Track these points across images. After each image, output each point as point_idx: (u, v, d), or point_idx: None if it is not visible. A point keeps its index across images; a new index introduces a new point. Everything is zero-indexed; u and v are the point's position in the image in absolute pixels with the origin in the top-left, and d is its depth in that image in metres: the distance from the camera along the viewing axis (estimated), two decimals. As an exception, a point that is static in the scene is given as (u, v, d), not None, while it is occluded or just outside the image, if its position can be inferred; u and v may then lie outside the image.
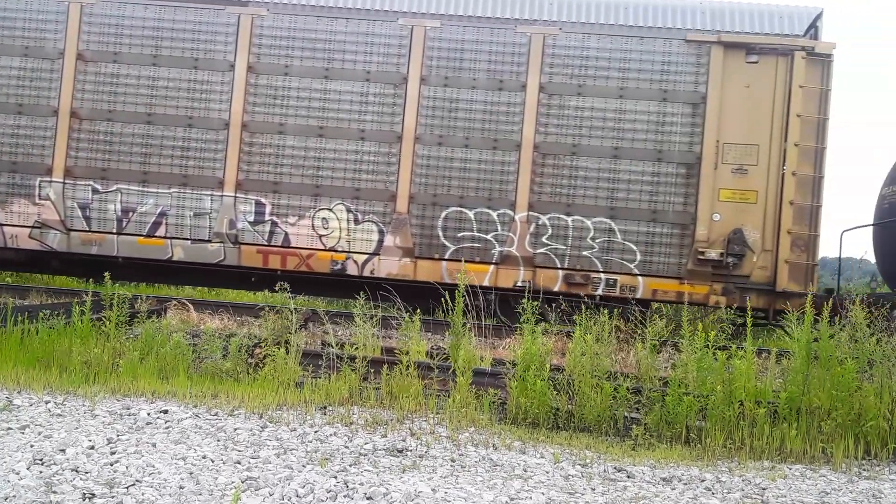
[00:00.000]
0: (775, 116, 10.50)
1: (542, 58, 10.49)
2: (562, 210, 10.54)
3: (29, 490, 3.52)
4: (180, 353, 6.47)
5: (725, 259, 10.32)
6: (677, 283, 10.47)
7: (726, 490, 4.45)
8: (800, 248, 10.43)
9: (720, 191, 10.47)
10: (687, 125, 10.47)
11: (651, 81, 10.46)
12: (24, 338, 6.57)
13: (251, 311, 10.37)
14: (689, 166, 10.48)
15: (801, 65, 10.39)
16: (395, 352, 6.90)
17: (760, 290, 10.43)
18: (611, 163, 10.50)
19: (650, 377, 6.30)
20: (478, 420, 5.58)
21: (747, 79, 10.47)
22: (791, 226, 10.41)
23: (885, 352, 5.93)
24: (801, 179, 10.43)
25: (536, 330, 6.20)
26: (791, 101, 10.39)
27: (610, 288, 10.48)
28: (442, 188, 10.58)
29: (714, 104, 10.40)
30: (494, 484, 4.20)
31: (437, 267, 10.55)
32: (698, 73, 10.44)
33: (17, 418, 4.80)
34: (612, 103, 10.49)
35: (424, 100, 10.55)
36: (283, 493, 3.72)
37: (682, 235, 10.50)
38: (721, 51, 10.39)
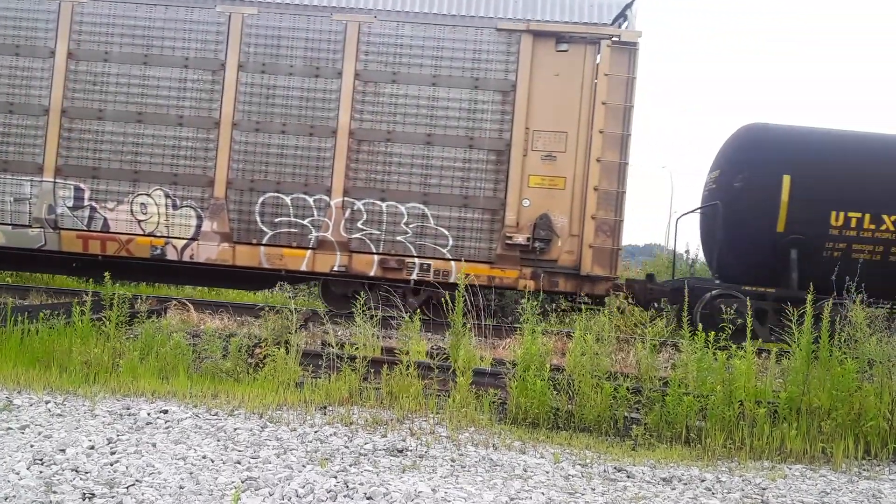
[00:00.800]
0: (583, 104, 10.66)
1: (357, 45, 10.63)
2: (376, 196, 10.68)
3: (29, 490, 3.53)
4: (180, 353, 6.47)
5: (532, 244, 10.51)
6: (488, 267, 10.63)
7: (726, 490, 4.45)
8: (605, 233, 10.63)
9: (530, 177, 10.66)
10: (497, 112, 10.60)
11: (463, 69, 10.59)
12: (24, 338, 6.57)
13: (251, 311, 10.37)
14: (500, 153, 10.65)
15: (607, 53, 10.56)
16: (395, 352, 6.90)
17: (568, 274, 10.64)
18: (424, 149, 10.65)
19: (650, 377, 6.29)
20: (478, 420, 5.58)
21: (557, 67, 10.63)
22: (596, 211, 10.61)
23: (886, 352, 5.94)
24: (606, 166, 10.60)
25: (536, 330, 6.20)
26: (597, 88, 10.57)
27: (424, 272, 10.62)
28: (259, 174, 10.70)
29: (524, 92, 10.53)
30: (494, 484, 4.20)
31: (255, 252, 10.66)
32: (508, 62, 10.58)
33: (17, 418, 4.80)
34: (426, 91, 10.62)
35: (242, 86, 10.68)
36: (283, 493, 3.72)
37: (492, 221, 10.66)
38: (531, 39, 10.52)
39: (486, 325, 8.66)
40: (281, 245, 10.65)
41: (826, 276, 10.00)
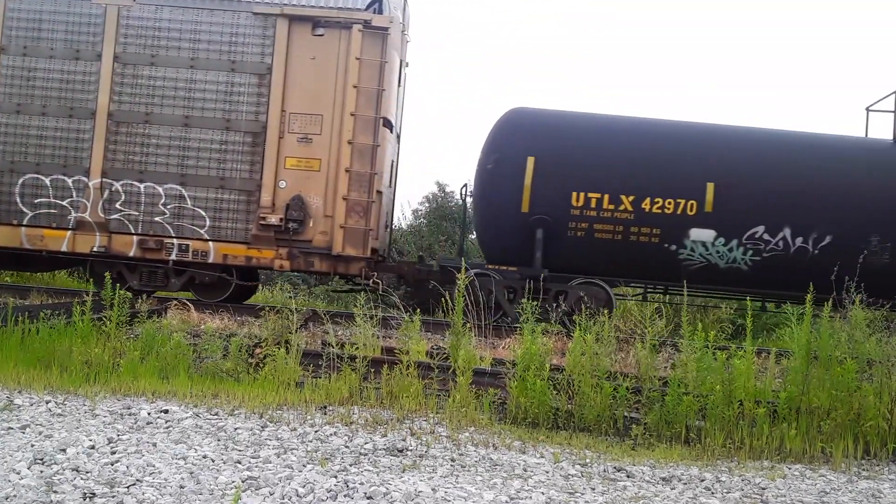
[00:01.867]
0: (338, 87, 10.85)
1: (116, 28, 10.77)
2: (134, 177, 10.80)
3: (29, 490, 3.53)
4: (181, 352, 6.48)
5: (286, 224, 10.65)
6: (245, 247, 10.79)
7: (726, 490, 4.46)
8: (358, 213, 10.80)
9: (286, 159, 10.83)
10: (254, 95, 10.77)
11: (220, 52, 10.74)
12: (24, 338, 6.58)
13: (251, 311, 10.37)
14: (256, 135, 10.79)
15: (359, 38, 10.73)
16: (396, 352, 6.90)
17: (322, 254, 10.82)
18: (182, 131, 10.79)
19: (650, 377, 6.30)
20: (478, 420, 5.59)
21: (314, 51, 10.81)
22: (348, 192, 10.78)
23: (886, 352, 5.94)
24: (358, 148, 10.79)
25: (536, 330, 6.21)
26: (349, 72, 10.75)
27: (183, 253, 10.78)
28: (19, 155, 10.78)
29: (279, 75, 10.69)
30: (494, 483, 4.20)
31: (16, 233, 10.78)
32: (265, 45, 10.75)
33: (18, 418, 4.81)
34: (184, 73, 10.76)
35: (3, 68, 10.77)
36: (283, 493, 3.73)
37: (248, 202, 10.82)
38: (286, 23, 10.68)
39: (486, 325, 8.66)
40: (41, 226, 10.79)
41: (571, 255, 10.57)
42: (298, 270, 11.31)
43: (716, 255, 10.55)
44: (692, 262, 10.64)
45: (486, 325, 8.67)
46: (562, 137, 10.99)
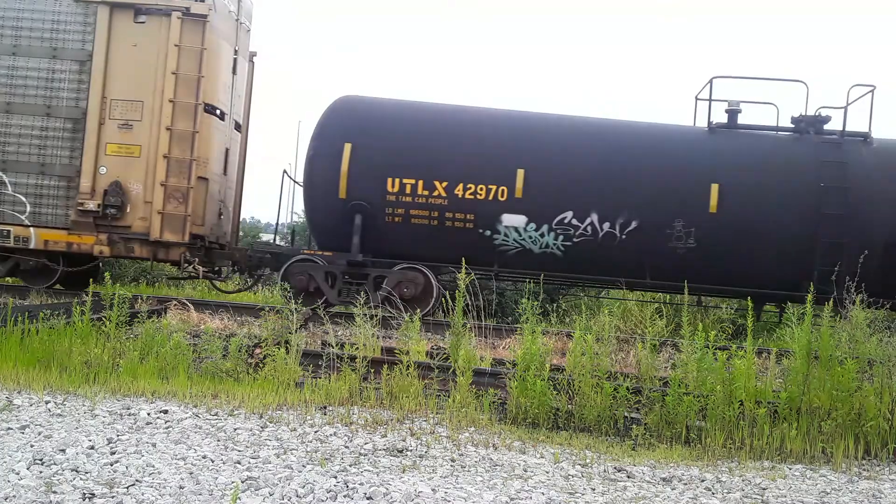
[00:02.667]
0: (158, 74, 11.02)
1: None
2: None
3: (29, 490, 3.53)
4: (180, 353, 6.47)
5: (104, 210, 10.82)
6: (66, 233, 10.93)
7: (726, 490, 4.45)
8: (177, 199, 10.94)
9: (108, 145, 10.96)
10: (74, 82, 10.90)
11: (42, 39, 10.86)
12: (24, 338, 6.57)
13: (251, 312, 10.38)
14: (76, 121, 10.91)
15: (178, 25, 10.89)
16: (395, 352, 6.89)
17: (142, 239, 11.00)
18: (3, 117, 10.91)
19: (650, 377, 6.30)
20: (478, 420, 5.58)
21: (136, 38, 10.99)
22: (166, 178, 10.91)
23: (886, 352, 5.94)
24: (178, 134, 10.94)
25: (536, 330, 6.20)
26: (168, 59, 10.91)
27: (4, 239, 10.90)
28: None
29: (100, 62, 10.82)
30: (494, 484, 4.20)
31: None
32: (86, 32, 10.88)
33: (17, 418, 4.80)
34: (6, 60, 10.88)
35: None
36: (283, 493, 3.72)
37: (68, 188, 10.94)
38: (108, 10, 10.85)
39: (487, 325, 8.66)
40: None
41: (390, 241, 10.82)
42: (119, 256, 11.53)
43: (529, 241, 10.76)
44: (508, 248, 10.87)
45: (487, 327, 8.66)
46: (378, 124, 11.23)
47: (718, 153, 10.96)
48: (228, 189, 12.69)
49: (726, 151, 10.99)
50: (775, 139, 11.20)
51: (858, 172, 10.64)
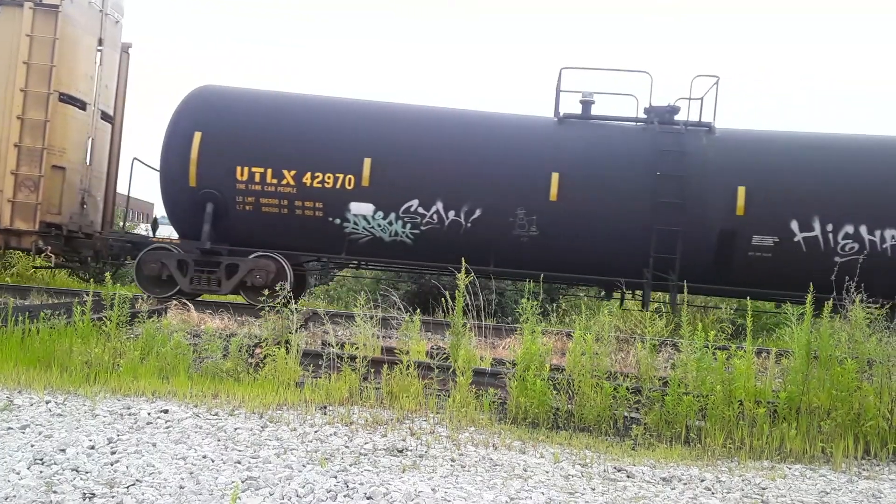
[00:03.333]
0: (11, 64, 11.18)
1: None
2: None
3: (29, 490, 3.53)
4: (181, 352, 6.48)
5: None
6: None
7: (726, 490, 4.45)
8: (28, 188, 11.18)
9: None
10: None
11: None
12: (24, 338, 6.58)
13: (251, 311, 10.37)
14: None
15: (30, 15, 11.09)
16: (395, 352, 6.90)
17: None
18: None
19: (650, 377, 6.30)
20: (478, 420, 5.59)
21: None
22: (17, 167, 11.12)
23: (886, 351, 5.94)
24: (28, 123, 11.09)
25: (536, 330, 6.21)
26: (20, 49, 11.10)
27: None
28: None
29: None
30: (494, 484, 4.20)
31: None
32: None
33: (18, 418, 4.80)
34: None
35: None
36: (283, 493, 3.73)
37: None
38: None
39: (487, 324, 8.66)
40: None
41: (243, 229, 11.02)
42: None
43: (378, 229, 10.90)
44: (358, 236, 11.00)
45: (487, 326, 8.65)
46: (228, 114, 11.31)
47: (562, 143, 11.11)
48: (96, 179, 12.83)
49: (569, 141, 11.14)
50: (619, 129, 11.31)
51: (696, 161, 10.79)
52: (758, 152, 11.01)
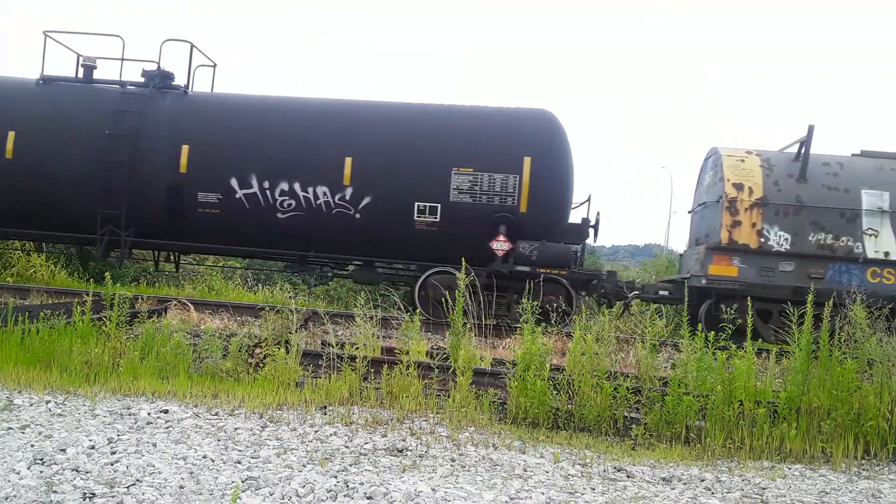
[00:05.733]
0: None
1: None
2: None
3: (29, 490, 3.53)
4: (180, 352, 6.48)
5: None
6: None
7: (726, 490, 4.45)
8: None
9: None
10: None
11: None
12: (24, 338, 6.57)
13: (251, 311, 10.38)
14: None
15: None
16: (395, 352, 6.90)
17: None
18: None
19: (650, 377, 6.30)
20: (478, 420, 5.59)
21: None
22: None
23: (886, 352, 5.94)
24: None
25: (536, 330, 6.21)
26: None
27: None
28: None
29: None
30: (494, 484, 4.20)
31: None
32: None
33: (18, 418, 4.80)
34: None
35: None
36: (283, 493, 3.73)
37: None
38: None
39: (487, 325, 8.66)
40: None
41: None
42: None
43: None
44: None
45: (487, 326, 8.66)
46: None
47: (19, 103, 11.84)
48: None
49: (31, 102, 11.87)
50: (82, 90, 12.08)
51: (147, 121, 11.55)
52: (203, 112, 11.82)
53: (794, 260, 10.71)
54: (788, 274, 10.70)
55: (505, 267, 10.91)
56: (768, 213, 10.81)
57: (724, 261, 10.82)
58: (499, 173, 11.06)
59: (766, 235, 10.78)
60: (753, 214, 10.83)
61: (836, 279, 10.63)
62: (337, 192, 11.17)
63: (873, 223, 10.70)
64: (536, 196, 11.03)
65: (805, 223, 10.75)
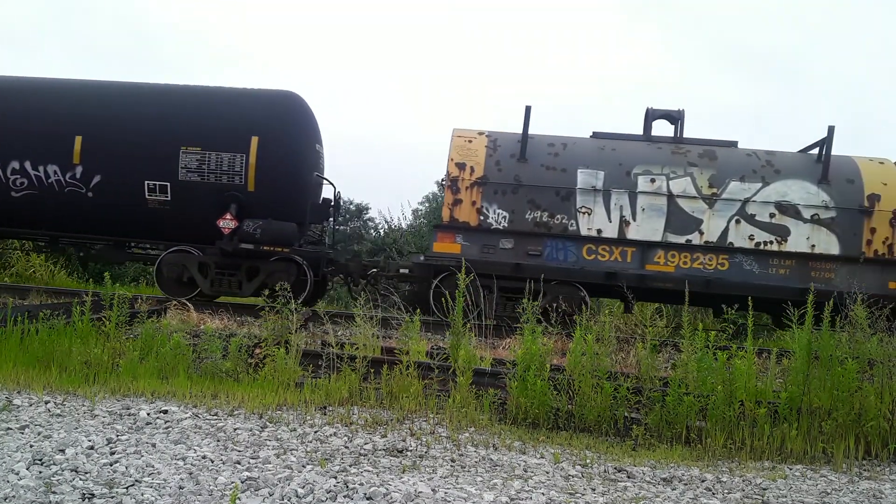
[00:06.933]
0: None
1: None
2: None
3: (28, 490, 3.52)
4: (180, 353, 6.47)
5: None
6: None
7: (727, 490, 4.45)
8: None
9: None
10: None
11: None
12: (24, 338, 6.57)
13: (251, 312, 10.37)
14: None
15: None
16: (395, 352, 6.89)
17: None
18: None
19: (650, 377, 6.29)
20: (478, 420, 5.58)
21: None
22: None
23: (887, 352, 5.93)
24: None
25: (536, 330, 6.20)
26: None
27: None
28: None
29: None
30: (494, 484, 4.19)
31: None
32: None
33: (17, 418, 4.79)
34: None
35: None
36: (282, 493, 3.72)
37: None
38: None
39: (487, 325, 8.66)
40: None
41: None
42: None
43: None
44: None
45: (487, 327, 8.65)
46: None
47: None
48: None
49: None
50: None
51: None
52: None
53: (513, 237, 10.87)
54: (508, 251, 10.86)
55: (230, 245, 11.08)
56: (488, 191, 10.97)
57: (448, 238, 10.99)
58: (226, 152, 11.24)
59: (486, 213, 10.94)
60: (474, 193, 10.99)
61: (553, 256, 10.81)
62: (67, 170, 11.29)
63: (587, 201, 10.88)
64: (264, 175, 11.20)
65: (523, 202, 10.91)
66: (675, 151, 11.16)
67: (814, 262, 10.62)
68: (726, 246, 10.66)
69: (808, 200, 10.71)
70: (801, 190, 10.76)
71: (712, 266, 10.66)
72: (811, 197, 10.72)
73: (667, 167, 10.94)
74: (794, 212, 10.70)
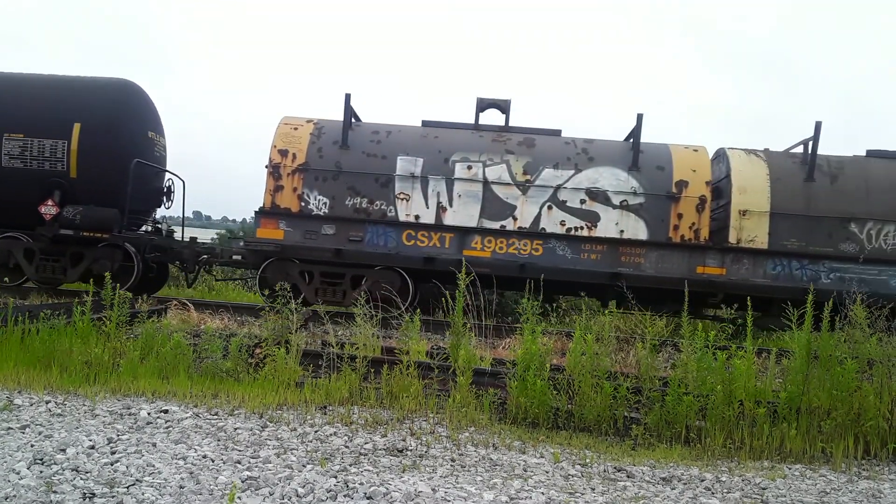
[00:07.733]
0: None
1: None
2: None
3: (29, 490, 3.53)
4: (180, 352, 6.47)
5: None
6: None
7: (726, 490, 4.45)
8: None
9: None
10: None
11: None
12: (24, 338, 6.58)
13: (251, 311, 10.38)
14: None
15: None
16: (396, 352, 6.90)
17: None
18: None
19: (650, 377, 6.30)
20: (478, 420, 5.59)
21: None
22: None
23: (886, 352, 5.94)
24: None
25: (536, 330, 6.21)
26: None
27: None
28: None
29: None
30: (494, 483, 4.20)
31: None
32: None
33: (18, 418, 4.80)
34: None
35: None
36: (283, 493, 3.73)
37: None
38: None
39: (487, 325, 8.66)
40: None
41: None
42: None
43: None
44: None
45: (487, 326, 8.66)
46: None
47: None
48: None
49: None
50: None
51: None
52: None
53: (334, 223, 11.02)
54: (330, 237, 11.02)
55: (50, 231, 11.25)
56: (309, 178, 11.12)
57: (272, 224, 11.15)
58: (48, 139, 11.39)
59: (307, 200, 11.09)
60: (295, 180, 11.15)
61: (373, 242, 10.99)
62: None
63: (405, 188, 11.04)
64: (87, 162, 11.34)
65: (343, 188, 11.08)
66: (496, 139, 11.35)
67: (623, 247, 10.80)
68: (539, 231, 10.85)
69: (618, 187, 10.89)
70: (612, 177, 10.95)
71: (527, 251, 10.89)
72: (621, 184, 10.91)
73: (484, 154, 11.14)
74: (603, 198, 10.88)
